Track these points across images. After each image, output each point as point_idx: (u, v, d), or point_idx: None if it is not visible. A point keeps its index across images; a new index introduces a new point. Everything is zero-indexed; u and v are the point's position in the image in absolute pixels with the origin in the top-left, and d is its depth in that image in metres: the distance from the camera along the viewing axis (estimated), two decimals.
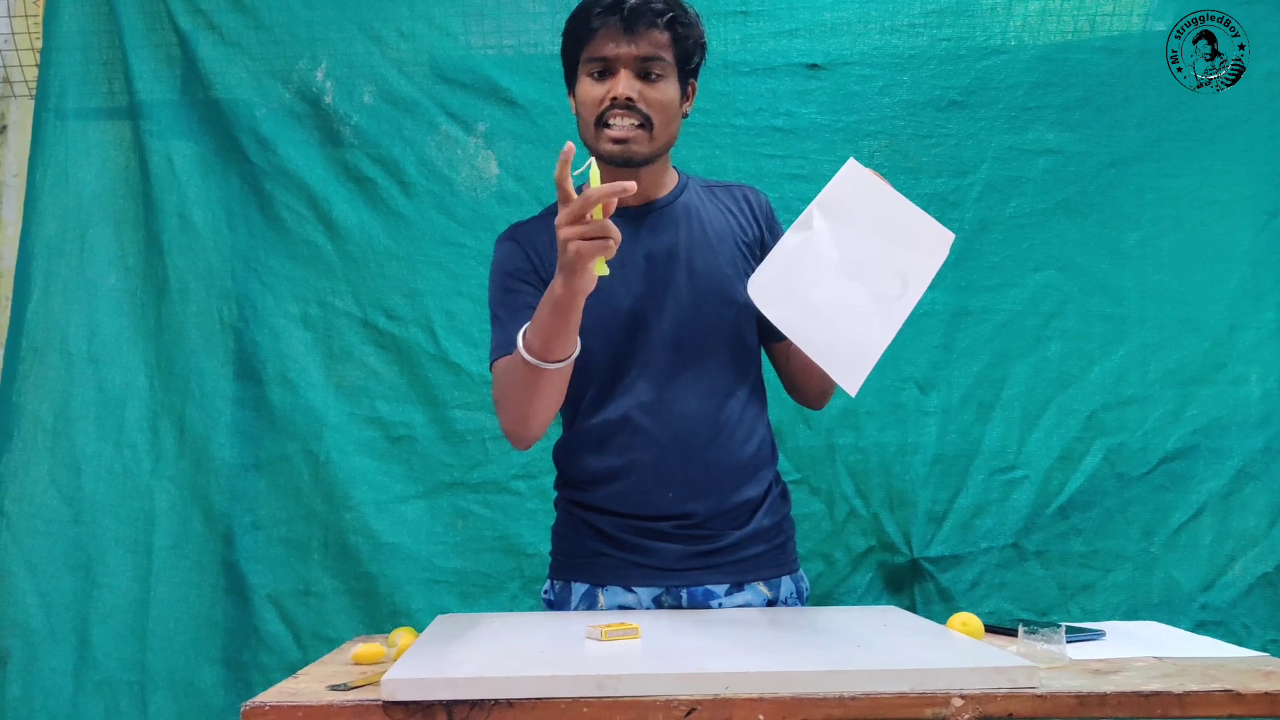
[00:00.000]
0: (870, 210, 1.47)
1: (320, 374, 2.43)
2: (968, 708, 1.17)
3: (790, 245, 1.48)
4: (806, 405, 1.84)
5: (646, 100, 1.63)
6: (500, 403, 1.63)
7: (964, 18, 2.44)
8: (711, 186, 1.80)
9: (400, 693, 1.17)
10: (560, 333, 1.50)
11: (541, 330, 1.50)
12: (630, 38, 1.61)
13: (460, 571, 2.38)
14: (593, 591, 1.70)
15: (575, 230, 1.39)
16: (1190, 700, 1.21)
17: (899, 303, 1.43)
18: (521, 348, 1.53)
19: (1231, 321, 2.41)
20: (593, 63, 1.64)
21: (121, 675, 2.35)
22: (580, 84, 1.66)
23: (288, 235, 2.45)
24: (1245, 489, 2.38)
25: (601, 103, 1.62)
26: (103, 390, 2.43)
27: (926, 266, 1.44)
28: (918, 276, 1.44)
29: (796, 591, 1.75)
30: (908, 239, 1.45)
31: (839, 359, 1.43)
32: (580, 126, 1.69)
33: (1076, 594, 2.35)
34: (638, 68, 1.62)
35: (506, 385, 1.61)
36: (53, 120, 2.48)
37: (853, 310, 1.43)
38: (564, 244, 1.40)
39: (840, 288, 1.44)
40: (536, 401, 1.58)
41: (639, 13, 1.60)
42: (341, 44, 2.47)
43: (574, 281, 1.43)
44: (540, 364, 1.52)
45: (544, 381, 1.55)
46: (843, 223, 1.46)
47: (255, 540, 2.40)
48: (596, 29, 1.62)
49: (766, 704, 1.16)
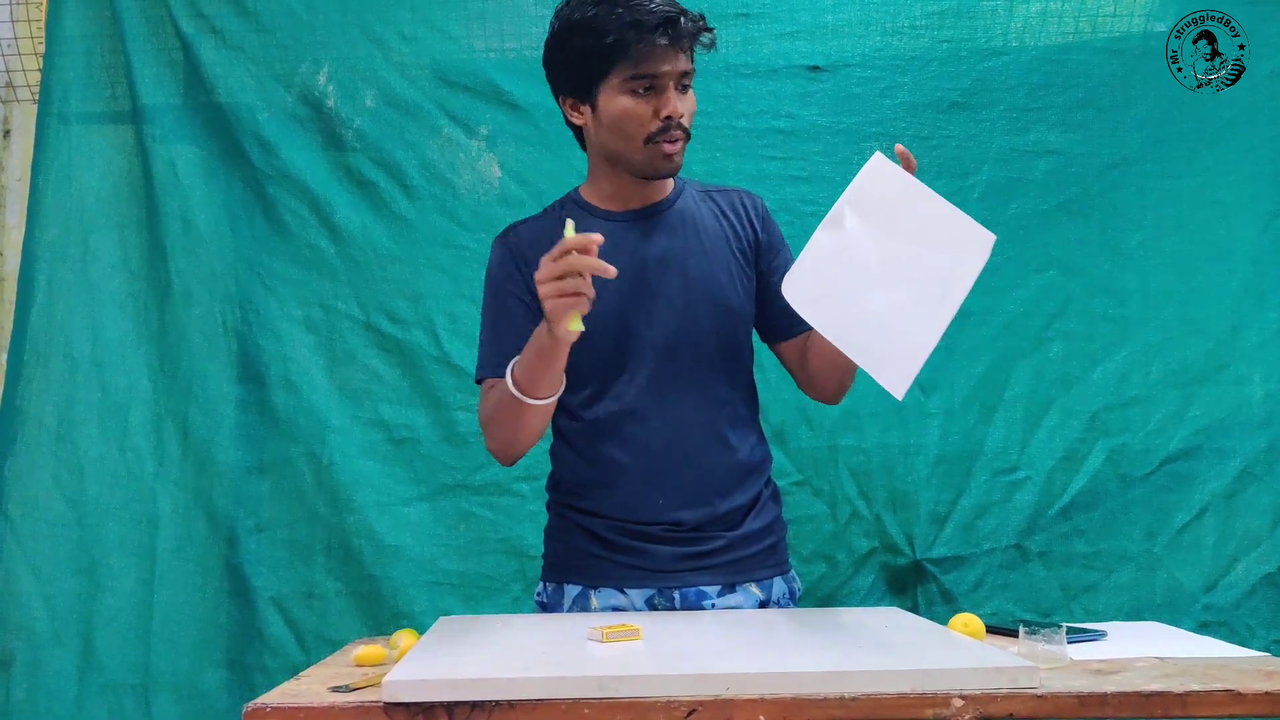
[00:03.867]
0: (905, 208, 1.45)
1: (323, 377, 2.44)
2: (968, 708, 1.17)
3: (824, 244, 1.46)
4: (823, 400, 1.82)
5: (686, 113, 1.63)
6: (486, 425, 1.68)
7: (965, 19, 2.44)
8: (708, 191, 1.79)
9: (401, 694, 1.17)
10: (545, 374, 1.55)
11: (528, 369, 1.56)
12: (678, 55, 1.60)
13: (463, 573, 2.38)
14: (586, 593, 1.69)
15: (551, 289, 1.44)
16: (1191, 700, 1.21)
17: (942, 306, 1.40)
18: (510, 383, 1.57)
19: (1234, 322, 2.41)
20: (640, 79, 1.59)
21: (125, 678, 2.35)
22: (613, 98, 1.61)
23: (290, 239, 2.46)
24: (1248, 489, 2.37)
25: (649, 120, 1.61)
26: (106, 394, 2.44)
27: (968, 270, 1.40)
28: (959, 280, 1.40)
29: (789, 592, 1.76)
30: (946, 241, 1.42)
31: (884, 362, 1.41)
32: (607, 136, 1.64)
33: (1079, 595, 2.35)
34: (679, 83, 1.62)
35: (493, 411, 1.65)
36: (56, 125, 2.49)
37: (896, 313, 1.41)
38: (542, 299, 1.45)
39: (881, 290, 1.42)
40: (522, 431, 1.63)
41: (690, 32, 1.59)
42: (344, 47, 2.47)
43: (555, 330, 1.47)
44: (526, 400, 1.57)
45: (529, 415, 1.60)
46: (876, 222, 1.44)
47: (258, 543, 2.40)
48: (646, 45, 1.56)
49: (767, 704, 1.16)
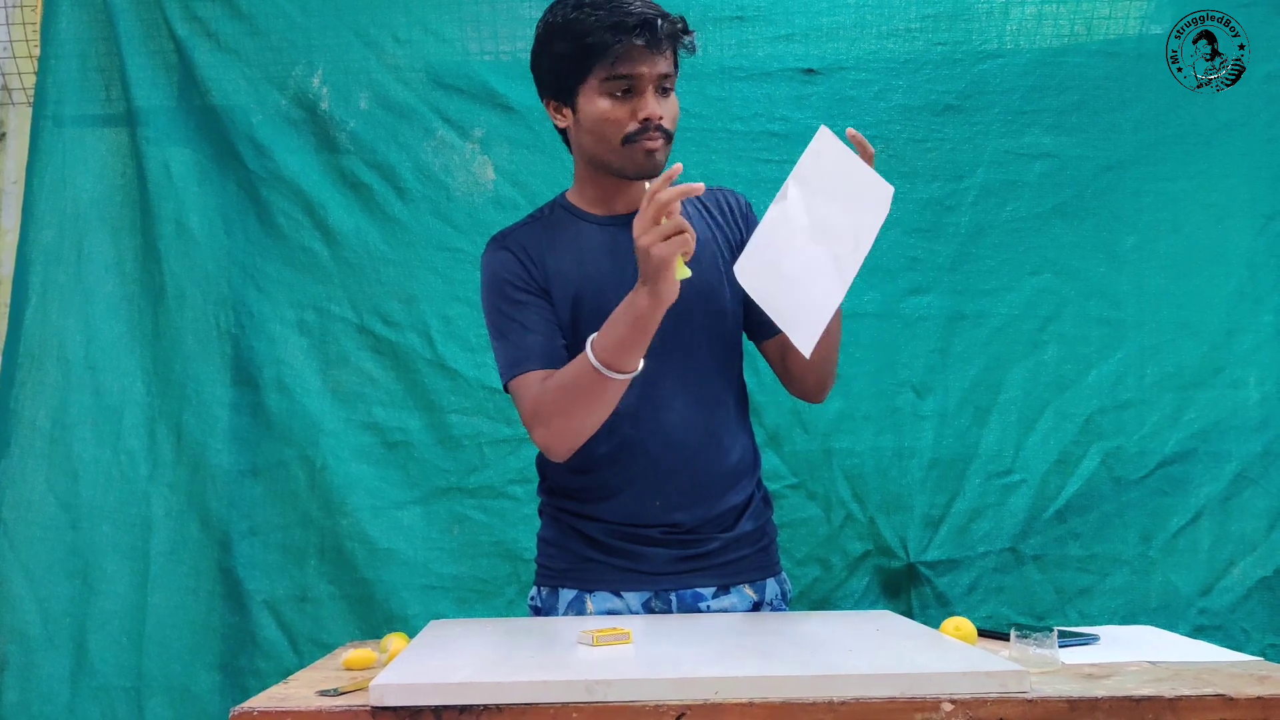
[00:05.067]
0: (838, 175, 1.47)
1: (317, 379, 2.43)
2: (958, 712, 1.17)
3: (767, 220, 1.49)
4: (805, 398, 1.81)
5: (667, 115, 1.62)
6: (548, 415, 1.59)
7: (960, 22, 2.44)
8: None
9: (389, 698, 1.16)
10: (638, 345, 1.50)
11: (618, 342, 1.50)
12: (656, 56, 1.59)
13: (457, 577, 2.38)
14: (581, 597, 1.69)
15: (654, 235, 1.41)
16: (1182, 705, 1.21)
17: (849, 260, 1.43)
18: (594, 359, 1.51)
19: (1229, 325, 2.40)
20: (617, 80, 1.59)
21: (118, 681, 2.35)
22: (592, 100, 1.61)
23: (284, 241, 2.46)
24: (1244, 493, 2.37)
25: (627, 122, 1.60)
26: (100, 396, 2.44)
27: (871, 223, 1.43)
28: (865, 233, 1.43)
29: (781, 593, 1.77)
30: (857, 197, 1.45)
31: (797, 322, 1.44)
32: (588, 140, 1.65)
33: (1074, 598, 2.34)
34: (658, 85, 1.61)
35: (559, 398, 1.57)
36: (50, 127, 2.49)
37: (814, 273, 1.43)
38: (645, 251, 1.42)
39: (808, 253, 1.44)
40: (596, 414, 1.56)
41: (667, 33, 1.58)
42: (338, 50, 2.47)
43: (660, 289, 1.44)
44: (612, 375, 1.51)
45: (610, 393, 1.54)
46: (813, 190, 1.47)
47: (252, 546, 2.40)
48: (622, 46, 1.56)
49: (756, 709, 1.16)
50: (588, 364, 1.52)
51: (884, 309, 2.40)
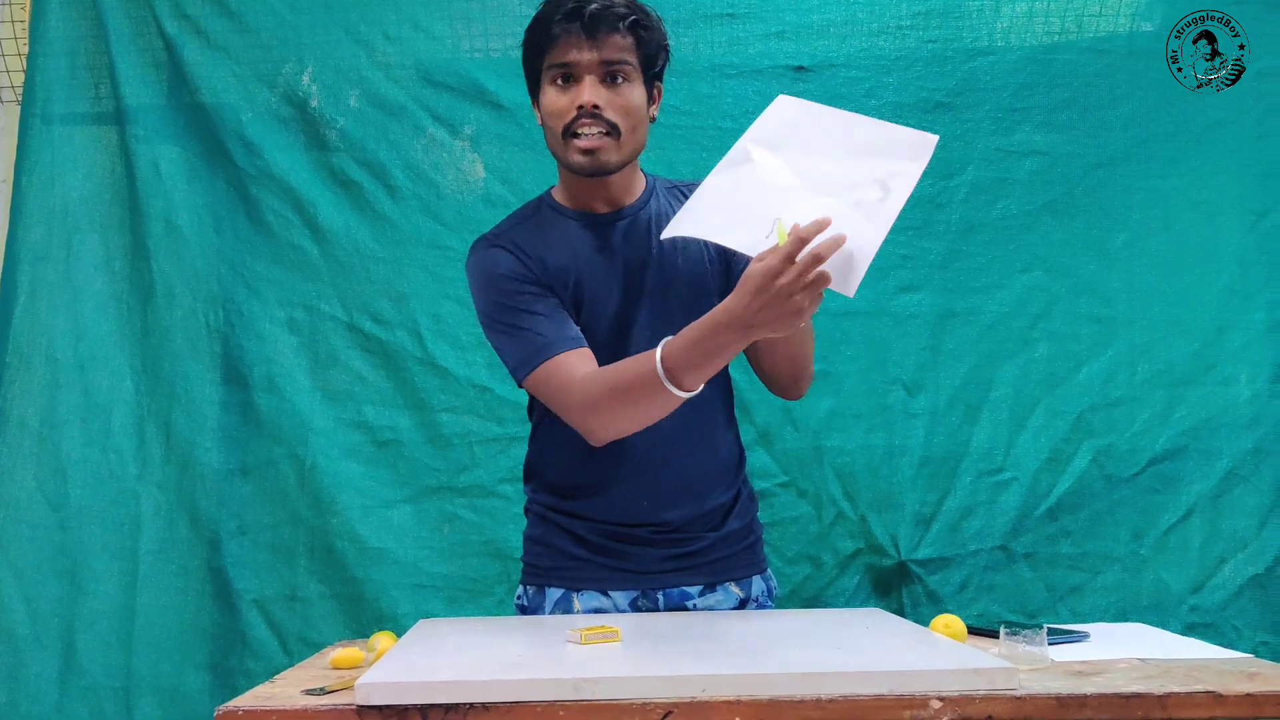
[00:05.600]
0: (822, 133, 1.44)
1: (306, 378, 2.42)
2: (946, 710, 1.16)
3: (734, 179, 1.42)
4: (783, 395, 1.77)
5: (613, 106, 1.59)
6: (602, 411, 1.53)
7: (950, 19, 2.44)
8: (676, 187, 1.78)
9: (375, 697, 1.16)
10: (710, 370, 1.44)
11: (693, 362, 1.42)
12: (593, 43, 1.58)
13: (447, 576, 2.37)
14: (568, 596, 1.69)
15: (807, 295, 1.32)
16: (1172, 702, 1.21)
17: (884, 205, 1.37)
18: (661, 368, 1.43)
19: (1220, 322, 2.40)
20: (555, 69, 1.60)
21: (107, 681, 2.34)
22: (544, 93, 1.62)
23: (274, 239, 2.45)
24: (1234, 490, 2.37)
25: (567, 112, 1.59)
26: (89, 395, 2.42)
27: (909, 170, 1.39)
28: (900, 180, 1.39)
29: (767, 590, 1.77)
30: (881, 150, 1.42)
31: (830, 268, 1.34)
32: (548, 137, 1.65)
33: (1065, 596, 2.34)
34: (602, 73, 1.59)
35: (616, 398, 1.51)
36: (39, 125, 2.48)
37: (834, 223, 1.35)
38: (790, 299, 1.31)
39: (812, 205, 1.37)
40: (648, 416, 1.51)
41: (600, 17, 1.57)
42: (327, 48, 2.46)
43: (782, 327, 1.35)
44: (672, 389, 1.44)
45: (664, 402, 1.47)
46: (793, 152, 1.43)
47: (241, 545, 2.39)
48: (558, 36, 1.58)
49: (744, 706, 1.16)
50: (652, 369, 1.44)
51: (874, 306, 2.40)
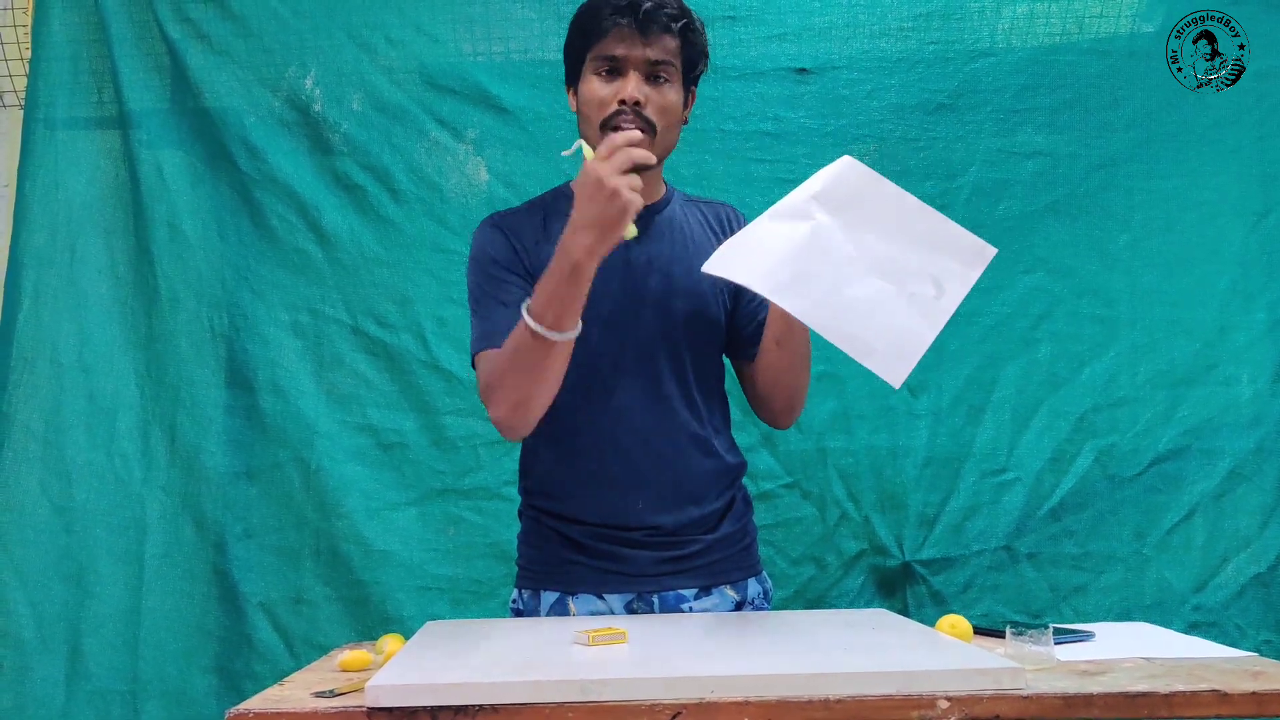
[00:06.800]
0: (883, 210, 1.44)
1: (311, 381, 2.43)
2: (953, 710, 1.17)
3: (791, 235, 1.42)
4: (771, 422, 1.78)
5: (653, 105, 1.61)
6: (495, 388, 1.55)
7: (952, 21, 2.44)
8: (695, 202, 1.79)
9: (384, 699, 1.16)
10: (575, 300, 1.46)
11: (555, 299, 1.45)
12: (644, 40, 1.59)
13: (452, 578, 2.38)
14: (563, 599, 1.69)
15: (628, 179, 1.39)
16: (1177, 701, 1.21)
17: (939, 304, 1.39)
18: (529, 319, 1.46)
19: (1222, 322, 2.41)
20: (601, 60, 1.61)
21: (113, 685, 2.34)
22: (586, 81, 1.63)
23: (278, 243, 2.45)
24: (1237, 490, 2.38)
25: (609, 104, 1.60)
26: (93, 399, 2.43)
27: (964, 275, 1.41)
28: (954, 282, 1.41)
29: (762, 592, 1.76)
30: (939, 246, 1.43)
31: (879, 354, 1.38)
32: (581, 124, 1.66)
33: (1069, 596, 2.35)
34: (647, 71, 1.60)
35: (504, 368, 1.53)
36: (42, 130, 2.48)
37: (888, 308, 1.38)
38: (614, 191, 1.38)
39: (870, 285, 1.39)
40: (541, 382, 1.51)
41: (653, 16, 1.58)
42: (330, 51, 2.47)
43: (609, 236, 1.41)
44: (551, 335, 1.46)
45: (552, 356, 1.49)
46: (852, 220, 1.43)
47: (247, 548, 2.39)
48: (609, 28, 1.59)
49: (751, 707, 1.16)
50: (525, 328, 1.47)
51: None
